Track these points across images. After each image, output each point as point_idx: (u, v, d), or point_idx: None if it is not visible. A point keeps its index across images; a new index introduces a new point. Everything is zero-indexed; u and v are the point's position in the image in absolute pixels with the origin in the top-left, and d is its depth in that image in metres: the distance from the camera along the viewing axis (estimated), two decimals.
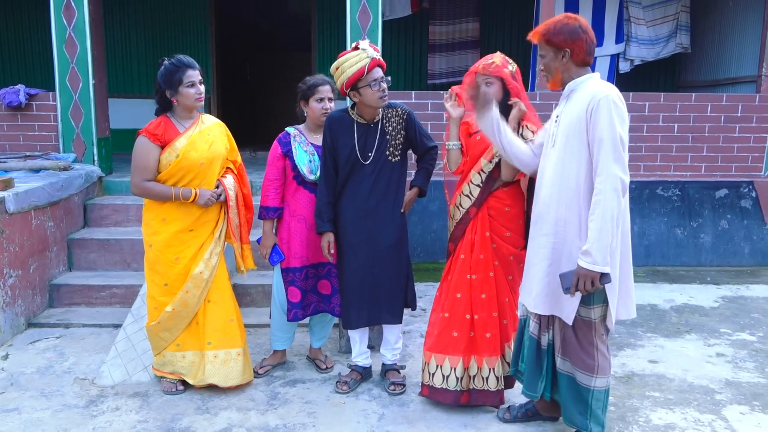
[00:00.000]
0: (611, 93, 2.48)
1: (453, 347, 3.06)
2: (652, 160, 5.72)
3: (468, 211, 3.05)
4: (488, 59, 2.99)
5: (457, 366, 3.06)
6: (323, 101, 3.33)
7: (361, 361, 3.46)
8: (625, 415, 3.16)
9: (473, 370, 3.08)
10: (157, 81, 3.17)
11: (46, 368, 3.65)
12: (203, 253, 3.26)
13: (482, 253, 3.02)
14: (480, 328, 3.04)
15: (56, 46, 5.17)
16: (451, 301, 3.07)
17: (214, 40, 7.98)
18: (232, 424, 3.05)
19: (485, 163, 3.00)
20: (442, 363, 3.09)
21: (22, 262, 4.18)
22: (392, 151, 3.16)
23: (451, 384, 3.08)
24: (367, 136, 3.15)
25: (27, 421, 3.06)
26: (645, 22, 6.63)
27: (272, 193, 3.41)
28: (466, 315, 3.05)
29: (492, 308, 3.04)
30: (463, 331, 3.06)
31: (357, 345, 3.45)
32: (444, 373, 3.09)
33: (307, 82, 3.38)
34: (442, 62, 7.36)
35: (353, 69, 2.99)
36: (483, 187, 3.01)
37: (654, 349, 3.98)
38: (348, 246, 3.23)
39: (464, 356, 3.06)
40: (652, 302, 4.84)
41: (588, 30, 2.58)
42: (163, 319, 3.27)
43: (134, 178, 3.18)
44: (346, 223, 3.21)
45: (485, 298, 3.03)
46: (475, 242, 3.03)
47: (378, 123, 3.16)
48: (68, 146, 5.31)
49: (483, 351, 3.05)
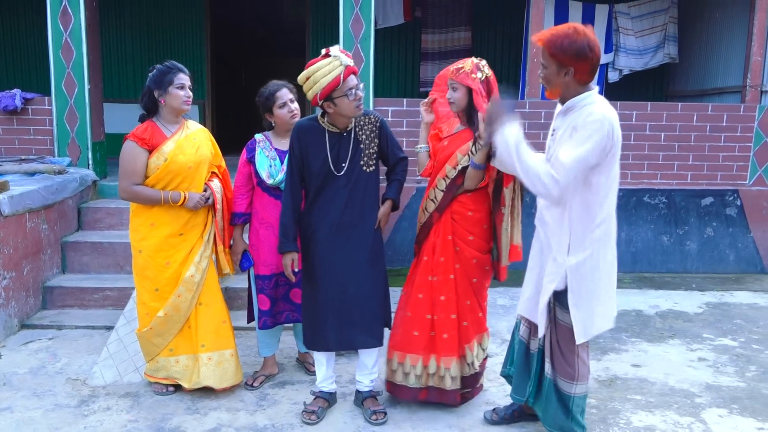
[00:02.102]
0: (612, 118, 2.51)
1: (414, 346, 3.14)
2: (639, 168, 5.82)
3: (432, 216, 3.12)
4: (458, 64, 3.04)
5: (417, 364, 3.13)
6: (286, 105, 3.31)
7: (327, 386, 3.23)
8: (606, 417, 3.23)
9: (432, 368, 3.14)
10: (147, 84, 3.24)
11: (39, 368, 3.70)
12: (193, 257, 3.31)
13: (443, 256, 3.08)
14: (439, 328, 3.12)
15: (52, 51, 5.24)
16: (414, 301, 3.14)
17: (209, 46, 8.06)
18: (222, 424, 3.11)
19: (449, 169, 3.05)
20: (403, 360, 3.15)
21: (16, 264, 4.23)
22: (366, 160, 3.02)
23: (410, 381, 3.15)
24: (340, 146, 2.99)
25: (19, 420, 3.11)
26: (633, 33, 6.75)
27: (239, 198, 3.43)
28: (426, 315, 3.13)
29: (450, 310, 3.11)
30: (424, 330, 3.13)
31: (323, 368, 3.19)
32: (405, 371, 3.15)
33: (263, 94, 3.34)
34: (434, 70, 7.44)
35: (327, 79, 2.78)
36: (445, 192, 3.07)
37: (637, 354, 4.06)
38: (321, 262, 3.04)
39: (424, 355, 3.13)
40: (638, 308, 4.92)
41: (595, 47, 2.49)
42: (155, 324, 3.32)
43: (122, 183, 3.22)
44: (319, 237, 3.03)
45: (444, 299, 3.10)
46: (437, 245, 3.10)
47: (351, 131, 3.01)
48: (63, 150, 5.37)
49: (441, 351, 3.12)
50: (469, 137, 3.04)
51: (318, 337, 3.08)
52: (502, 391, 3.44)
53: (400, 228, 5.66)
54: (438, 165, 3.11)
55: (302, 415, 3.15)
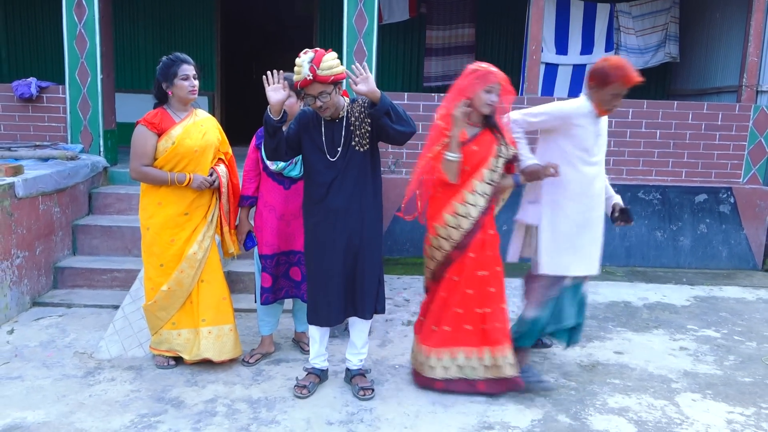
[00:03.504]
0: None
1: (467, 339, 3.33)
2: (634, 164, 5.95)
3: (477, 220, 3.28)
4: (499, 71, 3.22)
5: (472, 356, 3.32)
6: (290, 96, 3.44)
7: (319, 363, 3.42)
8: (584, 398, 3.39)
9: (487, 360, 3.32)
10: (155, 76, 3.45)
11: (49, 342, 3.91)
12: (197, 236, 3.51)
13: (490, 250, 3.32)
14: (491, 319, 3.31)
15: (67, 41, 5.44)
16: (463, 297, 3.31)
17: (219, 39, 8.24)
18: (218, 396, 3.30)
19: (490, 173, 3.26)
20: (455, 355, 3.33)
21: (29, 244, 4.45)
22: (358, 140, 3.11)
23: (467, 373, 3.34)
24: (334, 132, 3.13)
25: (29, 388, 3.32)
26: (634, 32, 6.86)
27: (247, 183, 3.64)
28: (477, 309, 3.32)
29: (501, 300, 3.34)
30: (476, 324, 3.33)
31: (316, 345, 3.37)
32: (458, 364, 3.34)
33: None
34: (438, 66, 7.60)
35: (297, 78, 2.98)
36: (492, 196, 3.31)
37: (621, 342, 4.21)
38: (321, 243, 3.20)
39: (478, 347, 3.33)
40: (627, 299, 5.06)
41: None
42: (159, 298, 3.53)
43: (133, 163, 3.44)
44: (319, 219, 3.18)
45: (494, 291, 3.32)
46: (485, 241, 3.31)
47: (343, 119, 3.15)
48: (76, 137, 5.58)
49: (494, 341, 3.30)
50: (492, 140, 3.26)
51: (317, 312, 3.26)
52: None
53: (399, 219, 5.81)
54: (473, 169, 3.26)
55: (294, 390, 3.33)
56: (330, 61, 2.95)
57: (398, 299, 4.85)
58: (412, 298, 4.93)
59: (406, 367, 3.71)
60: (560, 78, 6.79)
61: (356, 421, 3.10)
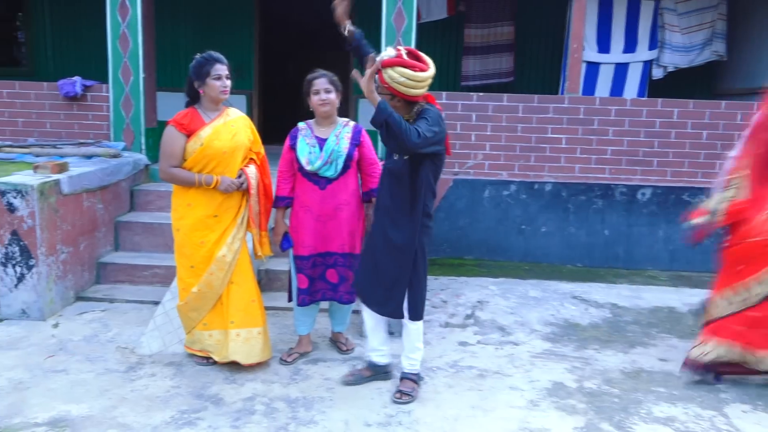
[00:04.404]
0: None
1: None
2: (679, 166, 5.78)
3: None
4: None
5: None
6: (319, 93, 3.47)
7: (373, 357, 3.48)
8: (628, 406, 3.30)
9: None
10: (188, 74, 3.45)
11: (92, 337, 3.98)
12: (226, 238, 3.49)
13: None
14: None
15: (111, 41, 5.54)
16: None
17: (258, 37, 8.30)
18: (257, 394, 3.31)
19: None
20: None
21: (73, 240, 4.54)
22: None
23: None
24: None
25: (73, 381, 3.39)
26: (680, 30, 6.67)
27: (282, 183, 3.64)
28: None
29: None
30: None
31: (369, 336, 3.47)
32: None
33: (306, 78, 3.53)
34: (476, 65, 7.52)
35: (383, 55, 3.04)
36: None
37: (666, 349, 4.09)
38: (369, 238, 3.40)
39: None
40: (671, 305, 4.92)
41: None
42: (190, 299, 3.54)
43: (162, 164, 3.45)
44: (374, 218, 3.37)
45: None
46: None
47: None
48: (118, 135, 5.68)
49: None
50: None
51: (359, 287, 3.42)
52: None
53: (437, 219, 5.75)
54: None
55: (345, 376, 3.49)
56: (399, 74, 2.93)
57: (435, 300, 4.81)
58: (450, 299, 4.88)
59: (443, 370, 3.67)
60: (602, 77, 6.64)
61: (394, 423, 3.08)
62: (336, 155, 3.51)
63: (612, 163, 5.78)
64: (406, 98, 3.02)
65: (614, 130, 5.74)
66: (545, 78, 7.99)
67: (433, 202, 3.23)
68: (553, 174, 5.81)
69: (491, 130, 5.79)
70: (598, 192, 5.80)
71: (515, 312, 4.66)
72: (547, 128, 5.76)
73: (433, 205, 3.23)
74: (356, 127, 3.65)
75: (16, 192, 4.11)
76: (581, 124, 5.74)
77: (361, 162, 3.63)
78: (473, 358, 3.85)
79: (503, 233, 5.93)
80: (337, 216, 3.56)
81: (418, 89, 2.99)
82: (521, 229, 5.91)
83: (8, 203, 4.12)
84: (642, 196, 5.80)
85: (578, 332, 4.32)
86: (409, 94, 3.00)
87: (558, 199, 5.84)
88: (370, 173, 3.64)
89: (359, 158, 3.61)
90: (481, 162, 5.80)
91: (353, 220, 3.62)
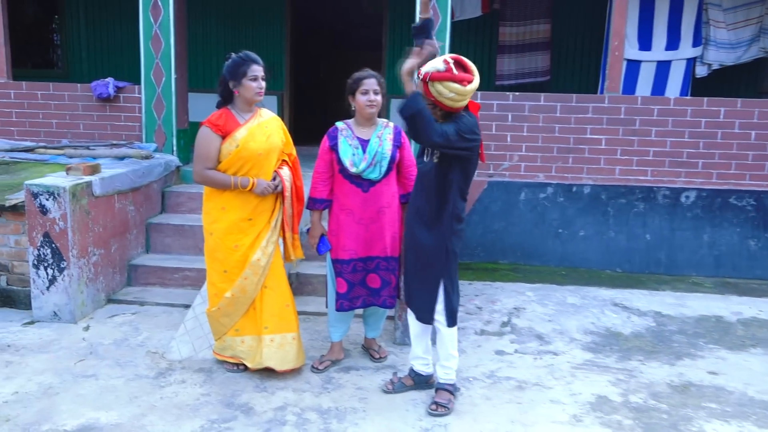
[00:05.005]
0: None
1: None
2: (725, 167, 5.53)
3: None
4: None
5: None
6: (368, 93, 3.38)
7: (417, 366, 3.38)
8: (677, 423, 3.12)
9: None
10: (222, 73, 3.35)
11: (122, 341, 3.94)
12: (260, 242, 3.41)
13: None
14: None
15: (143, 42, 5.52)
16: None
17: (290, 38, 8.25)
18: (288, 404, 3.22)
19: None
20: None
21: (104, 242, 4.51)
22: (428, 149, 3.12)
23: None
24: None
25: (103, 387, 3.34)
26: (725, 26, 6.38)
27: (320, 185, 3.51)
28: None
29: None
30: None
31: (413, 343, 3.37)
32: None
33: (353, 76, 3.44)
34: (511, 63, 7.33)
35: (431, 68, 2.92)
36: None
37: (715, 361, 3.88)
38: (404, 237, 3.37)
39: None
40: (718, 314, 4.69)
41: None
42: (222, 305, 3.45)
43: (196, 167, 3.36)
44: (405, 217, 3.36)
45: None
46: None
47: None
48: (150, 136, 5.66)
49: None
50: None
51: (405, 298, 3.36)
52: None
53: (470, 222, 5.63)
54: None
55: (385, 384, 3.41)
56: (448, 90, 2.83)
57: (470, 306, 4.66)
58: (485, 305, 4.73)
59: (480, 380, 3.53)
60: (643, 75, 6.39)
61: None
62: (380, 157, 3.41)
63: (654, 164, 5.55)
64: (449, 110, 2.94)
65: (657, 131, 5.52)
66: (582, 77, 7.78)
67: (464, 205, 3.13)
68: (592, 176, 5.61)
69: (528, 131, 5.61)
70: (639, 195, 5.59)
71: (553, 319, 4.49)
72: (586, 129, 5.56)
73: (464, 208, 3.13)
74: (396, 128, 3.55)
75: (48, 194, 4.09)
76: (622, 125, 5.53)
77: (400, 164, 3.53)
78: (511, 369, 3.71)
79: (539, 237, 5.75)
80: (380, 219, 3.46)
81: (464, 101, 2.92)
82: (558, 233, 5.72)
83: (41, 205, 4.10)
84: (686, 200, 5.57)
85: (620, 342, 4.14)
86: (454, 107, 2.91)
87: (597, 202, 5.63)
88: (407, 175, 3.54)
89: (399, 160, 3.50)
90: (516, 164, 5.63)
91: (395, 223, 3.53)
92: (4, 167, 5.14)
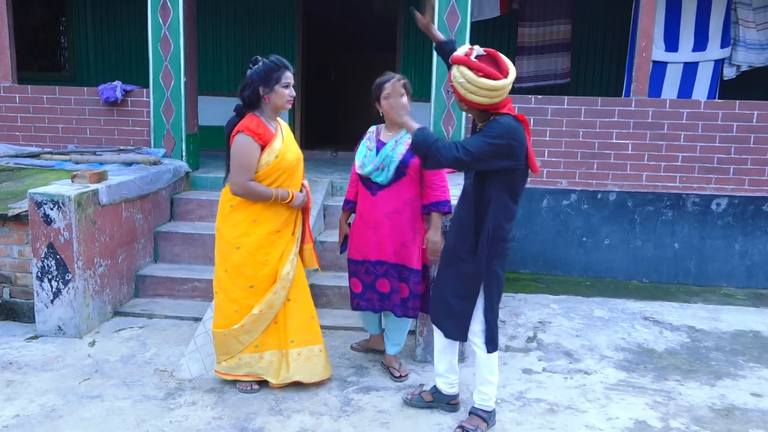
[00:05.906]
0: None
1: None
2: (758, 174, 5.29)
3: None
4: None
5: None
6: (389, 98, 3.30)
7: (440, 384, 3.18)
8: None
9: None
10: (251, 77, 3.13)
11: (129, 357, 3.74)
12: (288, 254, 3.26)
13: None
14: None
15: (152, 44, 5.33)
16: None
17: (302, 41, 8.06)
18: (305, 428, 3.01)
19: None
20: None
21: (111, 252, 4.32)
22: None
23: None
24: None
25: (109, 410, 3.14)
26: (755, 25, 6.14)
27: (350, 187, 3.61)
28: None
29: None
30: None
31: (435, 359, 3.17)
32: None
33: (376, 82, 3.39)
34: (530, 65, 7.11)
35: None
36: None
37: (758, 382, 3.65)
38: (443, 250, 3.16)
39: None
40: (755, 329, 4.45)
41: None
42: (247, 322, 3.25)
43: (238, 178, 3.10)
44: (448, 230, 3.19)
45: None
46: None
47: None
48: (159, 141, 5.47)
49: None
50: None
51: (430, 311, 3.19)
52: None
53: None
54: None
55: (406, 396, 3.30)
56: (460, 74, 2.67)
57: None
58: (508, 318, 4.51)
59: (509, 402, 3.31)
60: (669, 77, 6.16)
61: None
62: (389, 161, 3.31)
63: (683, 170, 5.32)
64: (468, 103, 2.73)
65: (686, 135, 5.29)
66: (603, 79, 7.55)
67: (511, 224, 2.86)
68: (618, 182, 5.39)
69: (550, 135, 5.40)
70: (667, 202, 5.35)
71: (581, 334, 4.26)
72: (612, 133, 5.34)
73: (509, 227, 2.85)
74: None
75: (52, 203, 3.91)
76: (649, 129, 5.31)
77: (422, 172, 3.34)
78: (541, 389, 3.48)
79: (562, 246, 5.53)
80: (386, 224, 3.36)
81: (479, 96, 2.66)
82: (582, 242, 5.50)
83: (45, 215, 3.92)
84: (716, 207, 5.33)
85: (654, 359, 3.91)
86: (468, 99, 2.69)
87: (623, 210, 5.41)
88: (430, 184, 3.34)
89: (419, 167, 3.31)
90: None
91: (406, 230, 3.36)
92: (8, 174, 4.97)
